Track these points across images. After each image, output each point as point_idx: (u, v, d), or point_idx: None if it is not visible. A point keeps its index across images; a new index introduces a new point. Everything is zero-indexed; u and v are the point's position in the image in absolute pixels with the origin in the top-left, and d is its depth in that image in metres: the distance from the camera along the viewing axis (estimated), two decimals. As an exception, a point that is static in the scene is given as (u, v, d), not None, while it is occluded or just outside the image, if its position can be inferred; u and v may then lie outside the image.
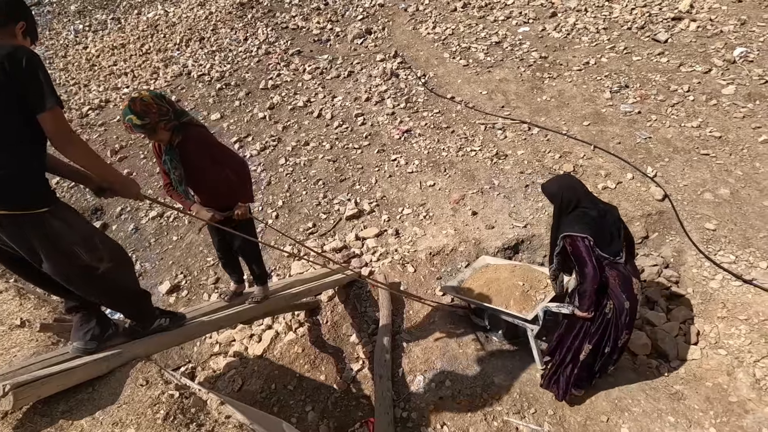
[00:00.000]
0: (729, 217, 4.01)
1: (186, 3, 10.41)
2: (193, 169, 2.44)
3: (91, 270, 1.77)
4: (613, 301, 2.68)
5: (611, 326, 2.72)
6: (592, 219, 2.71)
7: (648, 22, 6.65)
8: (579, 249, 2.64)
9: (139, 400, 1.71)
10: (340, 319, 3.92)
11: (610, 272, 2.69)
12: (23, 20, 1.68)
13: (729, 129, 4.82)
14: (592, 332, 2.74)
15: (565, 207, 2.77)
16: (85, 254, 1.73)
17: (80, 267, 1.74)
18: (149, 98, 2.18)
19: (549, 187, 2.91)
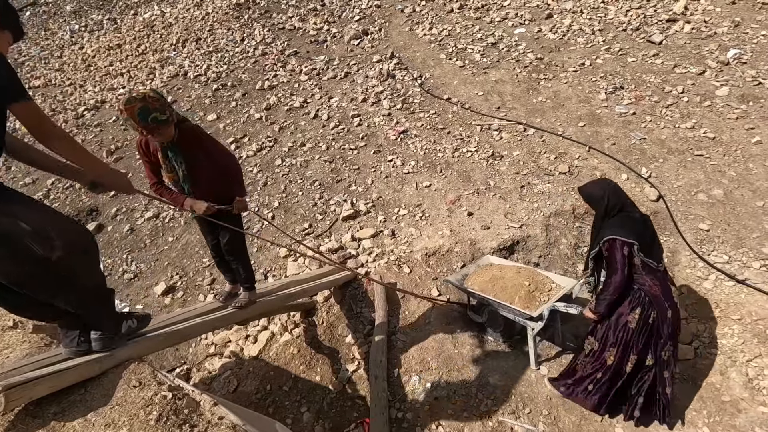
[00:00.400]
0: (722, 218, 4.03)
1: (182, 3, 10.40)
2: (190, 163, 2.42)
3: (45, 262, 1.63)
4: (656, 309, 2.58)
5: (654, 336, 2.62)
6: (635, 223, 2.65)
7: (643, 23, 6.68)
8: (615, 255, 2.58)
9: (132, 402, 1.71)
10: (335, 319, 3.92)
11: (653, 280, 2.61)
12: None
13: (723, 130, 4.85)
14: (637, 342, 2.62)
15: (610, 210, 2.70)
16: (38, 247, 1.60)
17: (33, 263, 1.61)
18: (156, 94, 2.17)
19: (590, 190, 2.82)
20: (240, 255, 2.86)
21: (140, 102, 2.09)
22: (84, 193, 6.15)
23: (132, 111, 2.09)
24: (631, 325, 2.61)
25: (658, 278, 2.63)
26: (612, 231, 2.61)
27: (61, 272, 1.70)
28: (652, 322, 2.59)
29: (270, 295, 3.32)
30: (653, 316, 2.58)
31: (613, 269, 2.61)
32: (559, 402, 3.02)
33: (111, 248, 5.27)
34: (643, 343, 2.62)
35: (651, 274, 2.61)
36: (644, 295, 2.59)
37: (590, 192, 2.83)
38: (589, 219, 4.31)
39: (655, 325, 2.59)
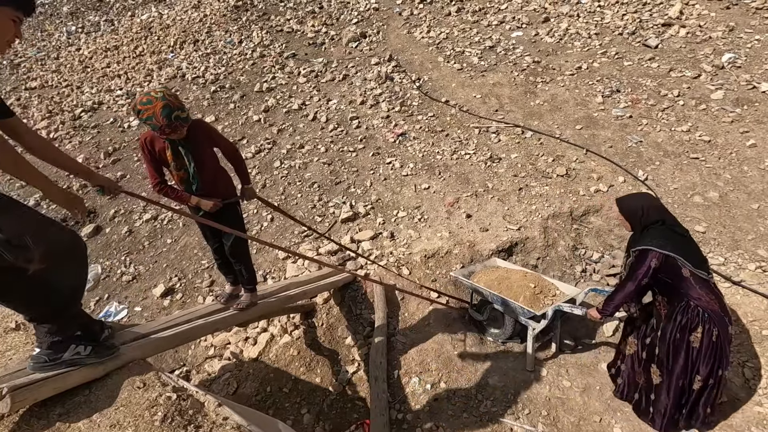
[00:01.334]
0: (718, 220, 4.08)
1: (180, 5, 10.40)
2: (199, 159, 2.43)
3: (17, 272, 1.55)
4: (718, 327, 2.41)
5: (721, 355, 2.45)
6: (675, 236, 2.54)
7: (639, 27, 6.76)
8: (640, 263, 2.48)
9: (137, 403, 1.71)
10: (335, 321, 3.93)
11: (708, 294, 2.44)
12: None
13: (718, 133, 4.91)
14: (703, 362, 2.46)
15: (648, 225, 2.59)
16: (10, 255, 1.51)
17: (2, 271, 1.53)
18: (171, 92, 2.20)
19: (628, 203, 2.72)
20: (243, 257, 2.87)
21: (162, 101, 2.11)
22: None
23: (155, 110, 2.10)
24: (695, 344, 2.45)
25: (713, 291, 2.48)
26: (647, 242, 2.50)
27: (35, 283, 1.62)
28: (715, 340, 2.42)
29: (270, 297, 3.32)
30: (715, 334, 2.42)
31: (630, 276, 2.53)
32: (558, 403, 3.04)
33: (109, 250, 5.25)
34: (711, 364, 2.46)
35: (705, 287, 2.45)
36: (703, 312, 2.43)
37: (628, 204, 2.72)
38: (588, 221, 4.35)
39: (720, 343, 2.44)
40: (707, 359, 2.45)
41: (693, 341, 2.45)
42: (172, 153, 2.35)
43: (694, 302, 2.43)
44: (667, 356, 2.55)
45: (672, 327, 2.51)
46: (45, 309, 1.73)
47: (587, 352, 3.46)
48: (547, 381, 3.20)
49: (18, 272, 1.57)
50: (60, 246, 1.68)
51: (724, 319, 2.43)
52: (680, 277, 2.45)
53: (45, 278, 1.65)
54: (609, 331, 3.59)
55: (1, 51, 1.52)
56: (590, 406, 2.98)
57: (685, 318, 2.46)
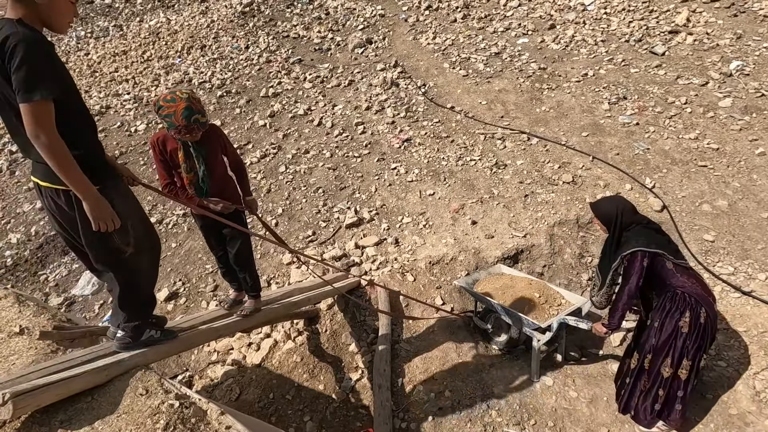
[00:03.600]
0: (727, 229, 4.03)
1: (188, 11, 10.50)
2: (210, 161, 2.45)
3: (118, 252, 1.84)
4: (704, 306, 2.52)
5: (707, 335, 2.55)
6: (654, 233, 2.67)
7: (645, 35, 6.74)
8: (634, 266, 2.57)
9: (139, 410, 1.70)
10: (339, 327, 3.90)
11: (690, 279, 2.58)
12: None
13: (726, 141, 4.87)
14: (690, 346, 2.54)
15: (624, 227, 2.70)
16: (115, 236, 1.80)
17: (108, 247, 1.82)
18: (195, 95, 2.24)
19: (604, 208, 2.80)
20: (247, 264, 2.86)
21: (186, 102, 2.15)
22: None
23: (177, 108, 2.14)
24: (684, 329, 2.53)
25: (693, 275, 2.62)
26: (635, 244, 2.60)
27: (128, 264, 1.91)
28: (704, 321, 2.51)
29: (273, 303, 3.31)
30: (703, 315, 2.51)
31: (628, 279, 2.60)
32: (565, 414, 2.99)
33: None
34: (696, 346, 2.54)
35: (686, 274, 2.60)
36: (689, 297, 2.53)
37: (603, 209, 2.79)
38: (594, 229, 4.31)
39: (707, 323, 2.52)
40: (695, 341, 2.54)
41: (682, 326, 2.54)
42: (184, 154, 2.35)
43: (680, 289, 2.56)
44: (657, 343, 2.62)
45: (661, 315, 2.61)
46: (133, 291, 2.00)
47: (594, 363, 3.41)
48: (553, 391, 3.16)
49: (118, 255, 1.85)
50: (147, 235, 1.97)
51: (708, 298, 2.56)
52: (665, 270, 2.60)
53: (136, 262, 1.93)
54: (616, 341, 3.54)
55: (64, 31, 1.66)
56: (597, 417, 2.93)
57: (673, 305, 2.57)
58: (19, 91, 1.43)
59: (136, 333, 2.08)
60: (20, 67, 1.40)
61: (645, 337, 2.71)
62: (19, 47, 1.39)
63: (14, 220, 6.11)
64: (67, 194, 1.69)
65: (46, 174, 1.65)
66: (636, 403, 2.77)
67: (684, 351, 2.55)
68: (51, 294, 4.89)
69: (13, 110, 1.54)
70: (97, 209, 1.67)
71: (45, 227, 5.85)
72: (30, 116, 1.45)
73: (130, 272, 1.95)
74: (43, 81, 1.45)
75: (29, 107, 1.44)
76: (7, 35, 1.40)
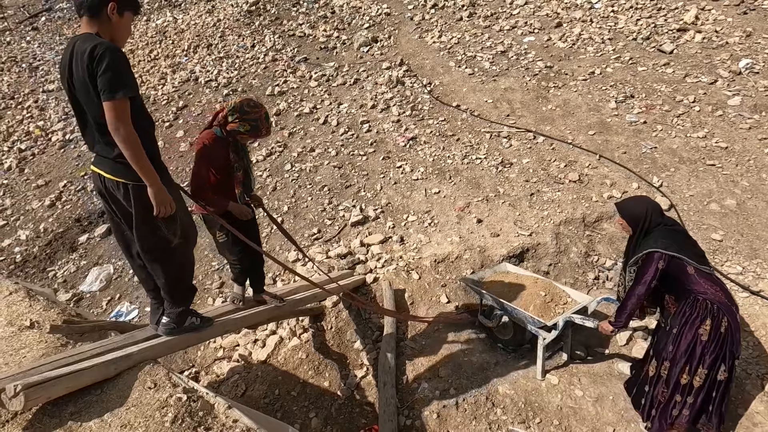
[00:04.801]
0: (735, 228, 4.00)
1: (194, 10, 10.55)
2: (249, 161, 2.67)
3: (166, 242, 2.03)
4: (727, 316, 2.44)
5: (726, 345, 2.46)
6: (677, 235, 2.59)
7: (653, 33, 6.69)
8: (647, 267, 2.52)
9: (147, 403, 1.72)
10: (344, 325, 3.91)
11: (713, 286, 2.49)
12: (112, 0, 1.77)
13: (735, 140, 4.83)
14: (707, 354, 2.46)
15: (651, 228, 2.62)
16: (164, 228, 2.00)
17: (158, 237, 2.01)
18: None
19: (631, 208, 2.72)
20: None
21: (264, 108, 2.46)
22: (95, 196, 6.22)
23: (261, 114, 2.44)
24: (703, 337, 2.46)
25: (717, 282, 2.53)
26: (654, 244, 2.53)
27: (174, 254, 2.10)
28: (724, 331, 2.44)
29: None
30: (725, 325, 2.43)
31: (639, 280, 2.55)
32: (570, 412, 2.98)
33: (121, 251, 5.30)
34: (714, 356, 2.46)
35: (709, 281, 2.51)
36: (711, 304, 2.45)
37: (631, 209, 2.71)
38: (600, 228, 4.29)
39: (728, 333, 2.45)
40: (713, 351, 2.47)
41: (702, 334, 2.48)
42: (236, 156, 2.48)
43: (701, 296, 2.48)
44: (675, 350, 2.56)
45: (681, 321, 2.54)
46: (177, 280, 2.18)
47: (600, 362, 3.39)
48: (559, 390, 3.15)
49: (166, 245, 2.03)
50: (190, 227, 2.17)
51: (731, 307, 2.48)
52: (686, 274, 2.51)
53: (180, 252, 2.13)
54: (622, 341, 3.53)
55: (122, 45, 1.92)
56: (603, 416, 2.92)
57: (693, 312, 2.50)
58: (104, 91, 1.68)
59: (180, 319, 2.28)
60: (107, 70, 1.66)
61: (663, 343, 2.64)
62: (106, 54, 1.67)
63: (23, 216, 6.18)
64: (126, 188, 1.89)
65: (112, 167, 1.87)
66: (655, 414, 2.70)
67: (702, 360, 2.48)
68: (59, 290, 4.94)
69: (92, 112, 1.79)
70: (160, 195, 1.88)
71: (53, 224, 5.91)
72: (112, 111, 1.70)
73: (176, 262, 2.14)
74: (124, 82, 1.71)
75: (112, 104, 1.69)
76: (95, 44, 1.68)
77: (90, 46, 1.67)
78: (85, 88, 1.73)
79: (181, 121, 7.24)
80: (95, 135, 1.85)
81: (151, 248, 2.04)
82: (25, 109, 8.57)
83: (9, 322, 2.28)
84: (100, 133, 1.81)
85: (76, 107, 1.85)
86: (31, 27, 12.12)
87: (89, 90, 1.72)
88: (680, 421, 2.61)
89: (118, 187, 1.90)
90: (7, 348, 2.10)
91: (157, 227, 1.98)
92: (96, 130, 1.82)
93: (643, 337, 3.46)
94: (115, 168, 1.86)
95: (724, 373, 2.49)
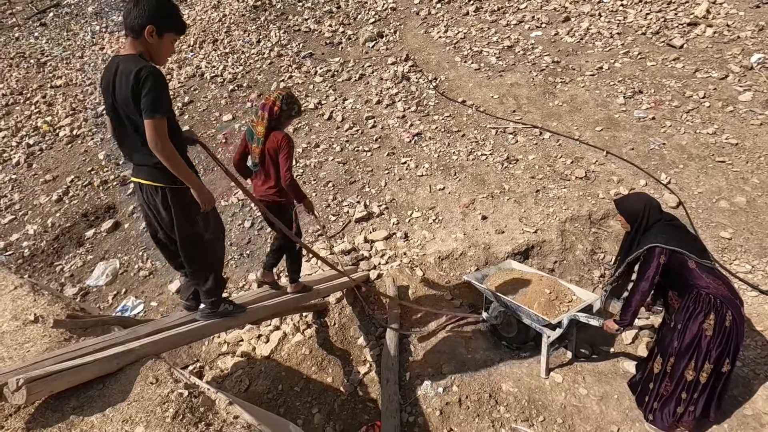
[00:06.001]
0: (745, 226, 3.93)
1: (200, 6, 10.55)
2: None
3: (201, 237, 2.25)
4: (731, 309, 2.42)
5: (732, 339, 2.45)
6: (678, 230, 2.58)
7: (663, 27, 6.58)
8: (649, 263, 2.51)
9: (149, 398, 1.72)
10: (347, 321, 3.91)
11: (715, 280, 2.48)
12: (150, 24, 1.90)
13: (746, 136, 4.74)
14: (713, 348, 2.45)
15: (649, 225, 2.61)
16: (200, 223, 2.22)
17: (194, 233, 2.22)
18: None
19: (630, 205, 2.71)
20: None
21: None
22: (102, 191, 6.26)
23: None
24: (708, 332, 2.45)
25: (719, 277, 2.52)
26: (654, 239, 2.52)
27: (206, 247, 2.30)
28: (729, 324, 2.43)
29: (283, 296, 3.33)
30: (729, 318, 2.42)
31: (642, 275, 2.54)
32: (574, 411, 2.96)
33: (127, 246, 5.35)
34: (720, 350, 2.46)
35: (711, 275, 2.49)
36: (714, 299, 2.45)
37: (630, 206, 2.69)
38: (607, 225, 4.24)
39: (733, 327, 2.43)
40: (718, 345, 2.46)
41: (706, 329, 2.47)
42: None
43: (704, 291, 2.47)
44: (680, 345, 2.55)
45: (684, 317, 2.53)
46: (210, 271, 2.39)
47: (605, 361, 3.36)
48: (563, 388, 3.13)
49: (199, 239, 2.25)
50: (219, 224, 2.40)
51: (735, 301, 2.46)
52: (687, 269, 2.50)
53: (213, 247, 2.36)
54: (628, 339, 3.49)
55: (162, 64, 2.10)
56: (608, 415, 2.90)
57: (697, 307, 2.49)
58: (146, 110, 1.85)
59: (214, 306, 2.51)
60: (149, 92, 1.83)
61: (668, 339, 2.63)
62: (149, 77, 1.83)
63: (31, 211, 6.24)
64: (164, 191, 2.08)
65: (149, 174, 2.06)
66: (656, 407, 2.69)
67: (707, 354, 2.48)
68: (66, 284, 4.98)
69: (132, 125, 1.96)
70: (203, 194, 2.11)
71: (61, 219, 5.96)
72: (153, 129, 1.87)
73: (211, 256, 2.38)
74: (164, 103, 1.90)
75: (153, 122, 1.86)
76: (141, 67, 1.84)
77: (135, 68, 1.83)
78: (127, 105, 1.89)
79: (186, 117, 7.26)
80: (136, 145, 2.02)
81: (189, 244, 2.24)
82: (33, 104, 8.64)
83: (14, 316, 2.30)
84: (141, 144, 1.97)
85: (117, 120, 2.01)
86: (39, 23, 12.20)
87: (131, 107, 1.88)
88: (687, 418, 2.61)
89: (156, 191, 2.09)
90: (11, 342, 2.11)
91: (194, 224, 2.19)
92: (137, 140, 1.99)
93: (650, 335, 3.42)
94: (153, 173, 2.05)
95: (728, 366, 2.51)
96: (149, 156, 1.96)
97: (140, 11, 1.88)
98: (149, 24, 1.89)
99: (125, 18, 1.92)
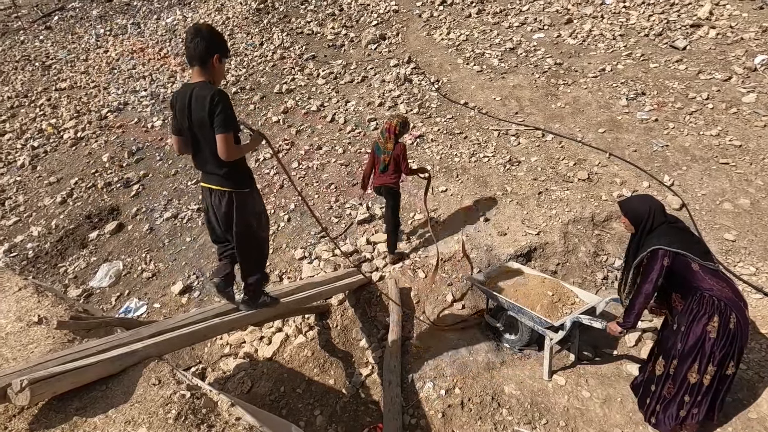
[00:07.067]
0: (749, 228, 3.91)
1: (204, 8, 10.61)
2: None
3: (255, 235, 2.63)
4: (735, 311, 2.41)
5: (736, 342, 2.44)
6: (681, 232, 2.58)
7: (666, 28, 6.57)
8: (652, 265, 2.50)
9: (151, 399, 1.73)
10: (349, 323, 3.91)
11: (719, 283, 2.47)
12: (217, 53, 2.29)
13: (749, 138, 4.72)
14: (717, 351, 2.45)
15: (654, 227, 2.60)
16: (255, 224, 2.60)
17: (251, 231, 2.59)
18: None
19: (635, 207, 2.69)
20: None
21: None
22: (105, 193, 6.29)
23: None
24: (712, 334, 2.44)
25: (723, 279, 2.51)
26: (657, 242, 2.51)
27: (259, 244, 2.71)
28: (733, 327, 2.42)
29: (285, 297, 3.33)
30: (734, 321, 2.41)
31: (645, 278, 2.53)
32: (577, 413, 2.95)
33: (130, 247, 5.37)
34: (723, 353, 2.45)
35: (715, 277, 2.48)
36: (718, 301, 2.43)
37: (635, 208, 2.68)
38: (610, 227, 4.23)
39: (738, 330, 2.43)
40: (722, 348, 2.45)
41: (710, 331, 2.45)
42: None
43: (708, 293, 2.46)
44: (683, 348, 2.54)
45: (688, 319, 2.52)
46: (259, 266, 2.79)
47: (608, 364, 3.35)
48: (566, 391, 3.12)
49: (254, 237, 2.63)
50: (268, 225, 2.79)
51: (739, 303, 2.45)
52: (691, 272, 2.50)
53: (264, 243, 2.77)
54: (631, 341, 3.48)
55: (219, 84, 2.44)
56: (611, 418, 2.88)
57: (700, 309, 2.48)
58: (218, 127, 2.23)
59: (256, 297, 2.88)
60: (221, 112, 2.22)
61: (671, 341, 2.62)
62: (222, 101, 2.22)
63: (35, 213, 6.27)
64: (230, 195, 2.46)
65: (218, 181, 2.44)
66: (659, 410, 2.68)
67: (711, 357, 2.46)
68: (70, 286, 5.01)
69: (205, 140, 2.34)
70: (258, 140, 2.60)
71: (65, 221, 5.99)
72: (224, 142, 2.26)
73: (261, 253, 2.78)
74: (232, 122, 2.29)
75: (224, 137, 2.25)
76: (214, 92, 2.22)
77: (209, 93, 2.20)
78: (203, 124, 2.27)
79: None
80: (208, 157, 2.40)
81: (245, 241, 2.60)
82: (38, 107, 8.70)
83: (18, 317, 2.31)
84: (212, 155, 2.35)
85: (193, 137, 2.40)
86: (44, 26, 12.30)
87: (206, 125, 2.26)
88: (691, 421, 2.59)
89: (223, 195, 2.47)
90: (15, 343, 2.13)
91: (251, 224, 2.56)
92: (210, 153, 2.36)
93: (653, 338, 3.41)
94: (221, 181, 2.44)
95: (732, 368, 2.49)
96: (219, 167, 2.37)
97: (206, 44, 2.24)
98: (216, 53, 2.28)
99: (190, 50, 2.26)
